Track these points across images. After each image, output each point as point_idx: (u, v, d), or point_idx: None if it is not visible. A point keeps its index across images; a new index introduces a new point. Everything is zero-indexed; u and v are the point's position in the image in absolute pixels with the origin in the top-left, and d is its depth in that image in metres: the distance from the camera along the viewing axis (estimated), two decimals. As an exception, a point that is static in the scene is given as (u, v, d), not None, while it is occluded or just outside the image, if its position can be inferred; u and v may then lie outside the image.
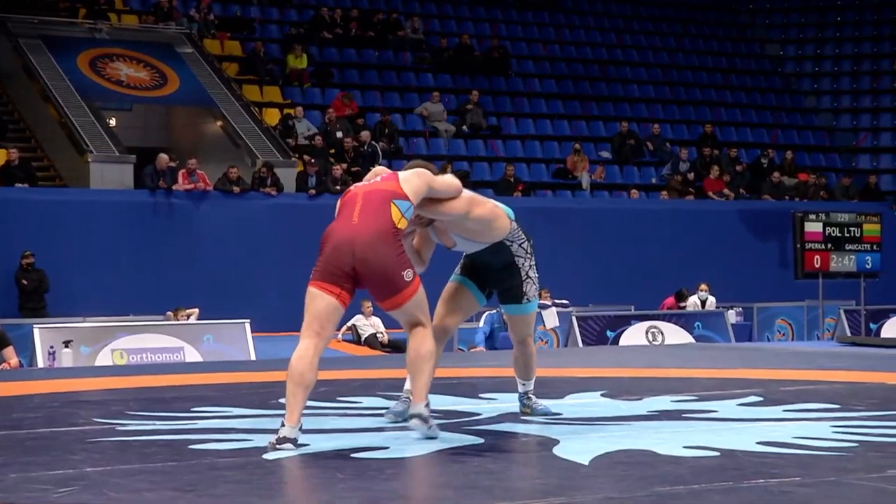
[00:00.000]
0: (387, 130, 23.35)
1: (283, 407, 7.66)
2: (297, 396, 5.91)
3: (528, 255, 6.83)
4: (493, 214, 6.58)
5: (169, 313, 16.19)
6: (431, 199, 6.33)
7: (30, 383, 9.61)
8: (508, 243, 6.71)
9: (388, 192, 6.13)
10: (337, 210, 6.22)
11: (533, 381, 7.13)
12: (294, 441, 5.82)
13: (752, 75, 29.92)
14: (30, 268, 18.27)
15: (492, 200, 6.67)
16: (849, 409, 7.39)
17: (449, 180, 6.42)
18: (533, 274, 6.85)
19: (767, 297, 20.90)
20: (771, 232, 23.60)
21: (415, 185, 6.20)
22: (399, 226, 6.07)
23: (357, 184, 6.39)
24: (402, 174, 6.28)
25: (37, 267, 18.29)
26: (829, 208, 20.20)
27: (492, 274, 6.80)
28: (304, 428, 5.94)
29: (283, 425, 5.86)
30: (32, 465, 5.46)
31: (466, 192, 6.50)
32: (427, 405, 6.08)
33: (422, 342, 6.17)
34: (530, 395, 7.12)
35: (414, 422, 6.05)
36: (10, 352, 13.33)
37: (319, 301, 6.04)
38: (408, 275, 6.05)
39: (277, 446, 5.78)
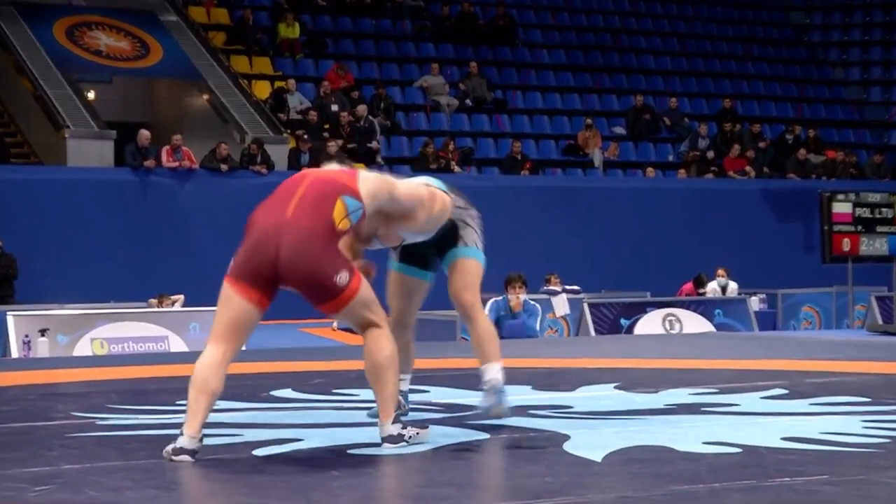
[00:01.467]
0: (383, 104, 23.34)
1: (274, 400, 7.68)
2: (200, 404, 5.56)
3: (465, 215, 6.54)
4: (443, 206, 6.32)
5: (152, 300, 16.19)
6: (390, 217, 6.04)
7: (3, 375, 9.62)
8: (454, 217, 6.46)
9: (339, 184, 5.73)
10: (276, 190, 5.83)
11: (495, 364, 6.46)
12: (192, 453, 5.49)
13: (776, 45, 29.87)
14: (-3, 252, 18.19)
15: (427, 184, 6.35)
16: (880, 402, 7.39)
17: (413, 190, 6.09)
18: (472, 223, 6.52)
19: (793, 282, 20.88)
20: (796, 213, 23.58)
21: (373, 187, 5.83)
22: (340, 226, 5.65)
23: (313, 169, 6.05)
24: (364, 172, 5.96)
25: (6, 251, 18.24)
26: (859, 187, 20.19)
27: (430, 248, 6.56)
28: (299, 422, 5.94)
29: (181, 434, 5.54)
30: (7, 462, 5.46)
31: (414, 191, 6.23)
32: (396, 420, 5.79)
33: (378, 347, 5.76)
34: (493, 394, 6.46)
35: (386, 446, 5.74)
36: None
37: (234, 305, 5.63)
38: (342, 278, 5.60)
39: (173, 458, 5.47)
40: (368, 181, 5.85)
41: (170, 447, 5.53)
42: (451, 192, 6.49)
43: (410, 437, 5.80)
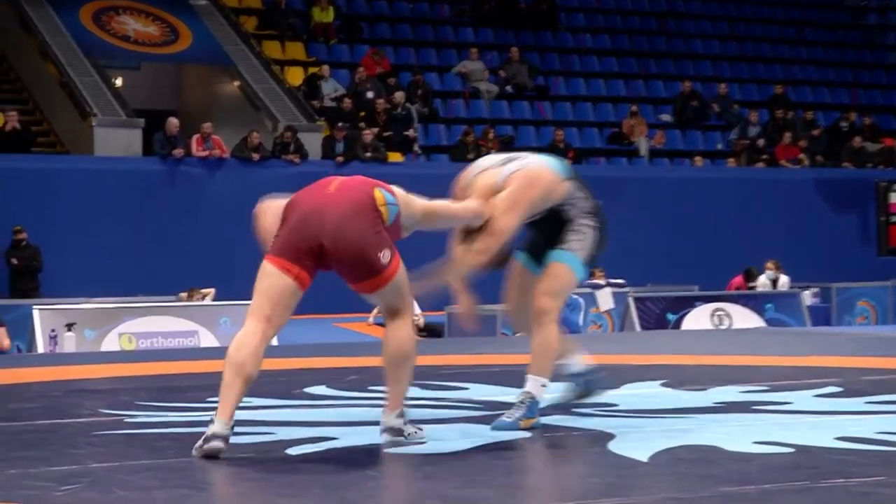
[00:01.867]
0: (420, 91, 23.35)
1: (308, 397, 7.70)
2: (234, 389, 5.61)
3: (586, 216, 6.54)
4: (551, 188, 6.39)
5: (182, 294, 16.26)
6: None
7: (28, 370, 9.69)
8: (569, 205, 6.48)
9: (371, 181, 5.90)
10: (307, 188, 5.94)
11: (538, 376, 6.43)
12: (225, 439, 5.54)
13: (830, 28, 29.71)
14: (21, 244, 18.30)
15: (543, 166, 6.45)
16: (938, 400, 7.35)
17: (455, 210, 6.23)
18: (586, 231, 6.49)
19: (847, 276, 20.80)
20: (851, 204, 23.46)
21: (404, 195, 5.97)
22: (379, 206, 5.77)
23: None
24: (402, 192, 6.03)
25: (30, 243, 18.34)
26: (917, 177, 20.07)
27: (544, 241, 6.56)
28: (333, 420, 5.95)
29: (213, 421, 5.58)
30: (33, 461, 5.50)
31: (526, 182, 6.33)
32: (401, 414, 5.87)
33: (401, 338, 5.86)
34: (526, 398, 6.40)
35: (385, 436, 5.83)
36: (1, 333, 13.44)
37: (275, 281, 5.69)
38: (385, 255, 5.73)
39: (205, 446, 5.52)
40: (399, 191, 5.97)
41: (200, 441, 5.56)
42: (575, 185, 6.51)
43: (410, 434, 5.87)
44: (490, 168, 6.47)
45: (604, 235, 6.61)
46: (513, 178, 6.36)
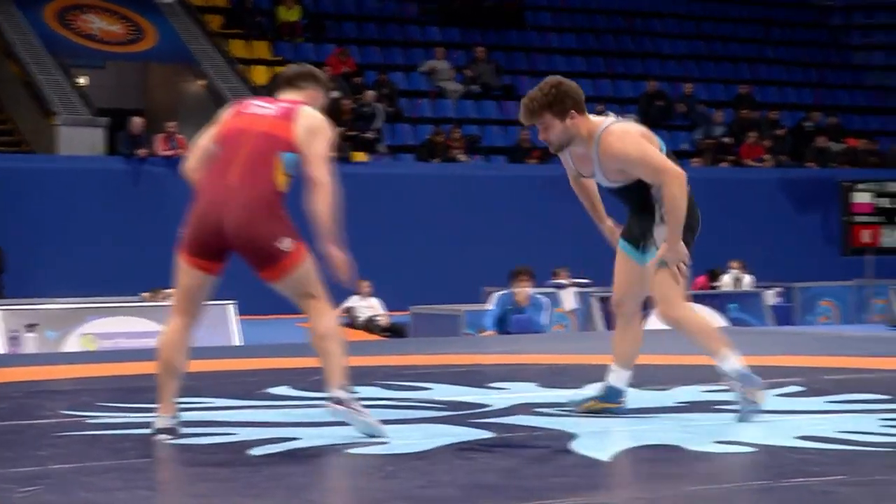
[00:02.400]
0: (386, 90, 23.33)
1: (271, 398, 7.69)
2: (167, 384, 6.06)
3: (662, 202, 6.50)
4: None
5: (145, 294, 16.20)
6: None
7: (-9, 371, 9.62)
8: (648, 184, 6.46)
9: (279, 140, 5.96)
10: (219, 140, 6.10)
11: (725, 353, 6.56)
12: (171, 431, 5.94)
13: (795, 28, 29.84)
14: (-16, 245, 18.23)
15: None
16: (899, 400, 7.39)
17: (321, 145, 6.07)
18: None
19: (810, 275, 20.90)
20: (815, 203, 23.58)
21: (309, 127, 6.00)
22: (280, 188, 5.95)
23: (252, 104, 6.22)
24: (310, 122, 6.05)
25: (-6, 243, 18.28)
26: (881, 177, 20.19)
27: (635, 219, 6.60)
28: (296, 420, 5.95)
29: (156, 418, 6.01)
30: (-7, 462, 5.47)
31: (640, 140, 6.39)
32: (344, 387, 5.96)
33: (318, 319, 6.05)
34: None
35: (328, 405, 5.93)
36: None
37: (184, 278, 6.08)
38: (285, 244, 5.94)
39: (155, 440, 5.90)
40: (311, 132, 6.01)
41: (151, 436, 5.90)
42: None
43: (353, 410, 5.93)
44: None
45: (694, 220, 6.64)
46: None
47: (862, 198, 17.36)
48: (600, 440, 5.95)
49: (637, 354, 6.81)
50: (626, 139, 6.38)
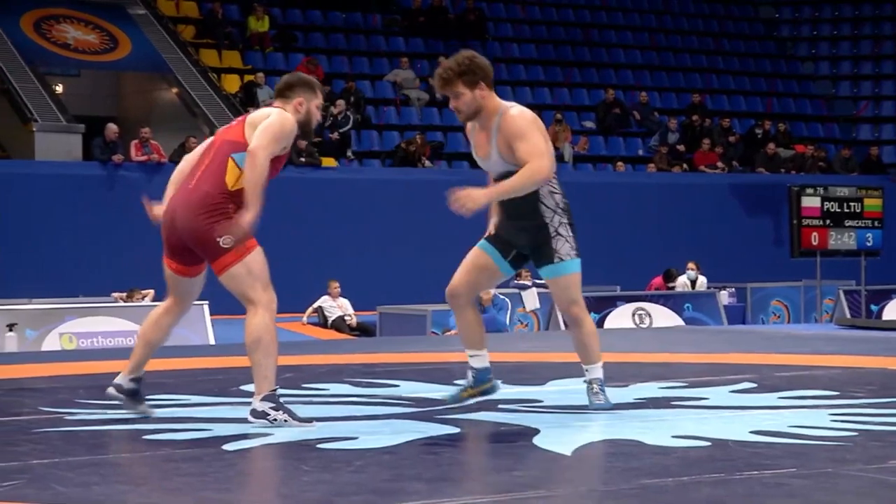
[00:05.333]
0: (353, 98, 23.31)
1: (244, 395, 7.67)
2: (136, 350, 6.53)
3: (560, 212, 6.65)
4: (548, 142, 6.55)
5: (116, 294, 16.14)
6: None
7: (-30, 370, 9.56)
8: (545, 197, 6.57)
9: (230, 143, 6.18)
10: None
11: (599, 364, 6.83)
12: (118, 388, 6.43)
13: (746, 39, 29.97)
14: (-36, 247, 18.10)
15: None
16: (847, 395, 7.42)
17: (275, 128, 6.14)
18: (564, 232, 6.68)
19: (762, 276, 20.98)
20: (765, 207, 23.68)
21: (261, 128, 6.11)
22: (233, 188, 6.08)
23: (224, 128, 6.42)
24: (256, 119, 6.19)
25: (-28, 245, 18.15)
26: (828, 182, 20.26)
27: (515, 231, 6.66)
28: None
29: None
30: (-27, 458, 5.43)
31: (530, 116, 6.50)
32: (268, 398, 6.03)
33: (253, 324, 6.10)
34: (594, 384, 6.80)
35: (249, 418, 6.08)
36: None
37: (165, 273, 6.46)
38: (225, 241, 6.05)
39: (107, 392, 6.45)
40: (255, 125, 6.12)
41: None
42: (556, 178, 6.62)
43: (276, 420, 6.03)
44: None
45: (574, 225, 6.85)
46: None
47: (810, 202, 17.39)
48: (562, 435, 5.95)
49: (483, 333, 6.83)
50: (525, 116, 6.57)
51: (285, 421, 6.05)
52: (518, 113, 6.55)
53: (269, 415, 6.05)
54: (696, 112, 25.89)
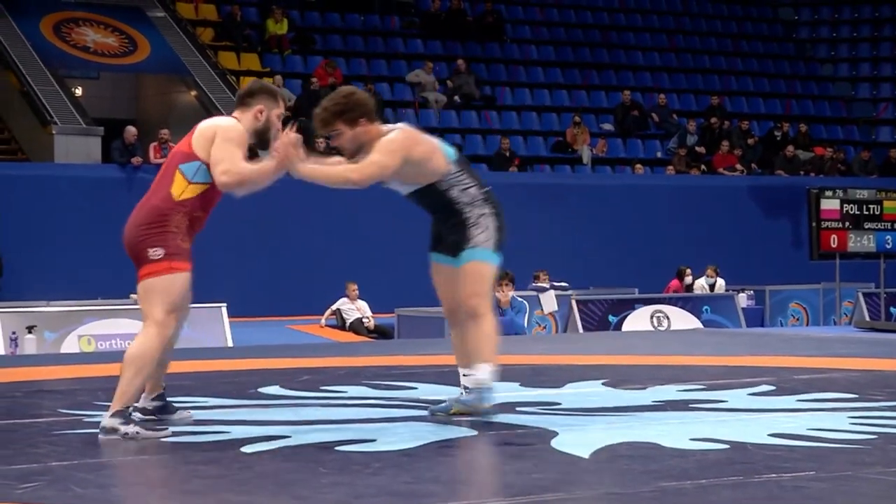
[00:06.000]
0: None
1: (262, 397, 7.68)
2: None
3: (478, 203, 6.52)
4: (429, 153, 6.45)
5: (133, 295, 16.15)
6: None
7: (-10, 372, 9.59)
8: (444, 188, 6.49)
9: (178, 154, 6.17)
10: None
11: (487, 365, 6.48)
12: (144, 411, 6.29)
13: (765, 41, 29.91)
14: (-18, 249, 18.15)
15: (427, 139, 6.50)
16: (867, 398, 7.41)
17: (230, 143, 6.10)
18: (484, 222, 6.51)
19: (780, 279, 20.93)
20: (784, 210, 23.62)
21: (207, 138, 6.12)
22: (180, 198, 6.06)
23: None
24: (203, 126, 6.19)
25: (-9, 248, 18.20)
26: (847, 184, 20.22)
27: (445, 229, 6.60)
28: (286, 419, 5.93)
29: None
30: (-7, 460, 5.45)
31: (397, 136, 6.37)
32: (116, 414, 5.96)
33: (136, 341, 6.08)
34: (470, 385, 6.50)
35: (100, 436, 5.98)
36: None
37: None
38: (154, 253, 6.04)
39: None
40: (202, 136, 6.11)
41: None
42: (462, 170, 6.52)
43: (126, 433, 5.93)
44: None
45: (501, 220, 6.62)
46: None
47: (829, 204, 17.34)
48: (580, 438, 5.94)
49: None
50: (389, 137, 6.43)
51: (137, 433, 5.94)
52: (387, 137, 6.43)
53: (118, 430, 5.95)
54: (715, 114, 25.85)
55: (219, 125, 6.19)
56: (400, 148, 6.38)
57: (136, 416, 6.19)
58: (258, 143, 6.31)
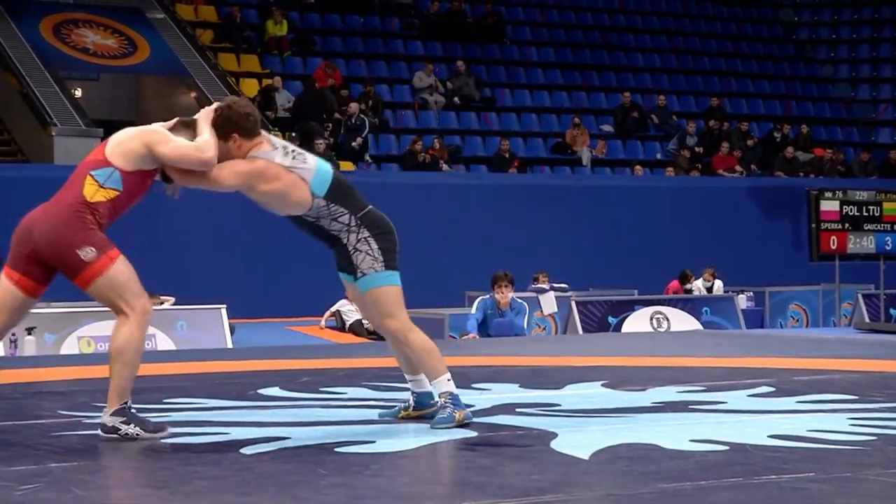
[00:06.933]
0: (371, 102, 23.32)
1: (261, 398, 7.69)
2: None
3: (354, 229, 6.38)
4: (285, 189, 6.25)
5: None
6: (186, 171, 6.23)
7: (-10, 373, 9.59)
8: (312, 219, 6.36)
9: (89, 162, 6.13)
10: None
11: (444, 377, 6.43)
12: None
13: (765, 42, 29.91)
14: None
15: (295, 172, 6.27)
16: (866, 400, 7.41)
17: (184, 151, 6.13)
18: (364, 247, 6.36)
19: (780, 280, 20.93)
20: (784, 211, 23.62)
21: (126, 150, 6.09)
22: (92, 199, 6.00)
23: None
24: (119, 135, 6.18)
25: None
26: (847, 185, 20.24)
27: (335, 252, 6.52)
28: (286, 420, 5.94)
29: None
30: (-8, 461, 5.45)
31: (253, 163, 6.23)
32: (118, 412, 5.97)
33: (118, 335, 6.08)
34: (443, 398, 6.42)
35: (100, 433, 5.97)
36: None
37: (2, 283, 6.15)
38: (86, 253, 5.99)
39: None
40: (121, 145, 6.11)
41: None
42: (332, 202, 6.33)
43: (127, 434, 5.95)
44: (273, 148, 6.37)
45: (389, 238, 6.46)
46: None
47: (829, 205, 17.33)
48: (580, 439, 5.95)
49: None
50: (249, 158, 6.31)
51: (137, 434, 5.96)
52: (246, 157, 6.31)
53: (119, 429, 5.96)
54: (715, 115, 25.86)
55: (139, 135, 6.16)
56: (245, 175, 6.25)
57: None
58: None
